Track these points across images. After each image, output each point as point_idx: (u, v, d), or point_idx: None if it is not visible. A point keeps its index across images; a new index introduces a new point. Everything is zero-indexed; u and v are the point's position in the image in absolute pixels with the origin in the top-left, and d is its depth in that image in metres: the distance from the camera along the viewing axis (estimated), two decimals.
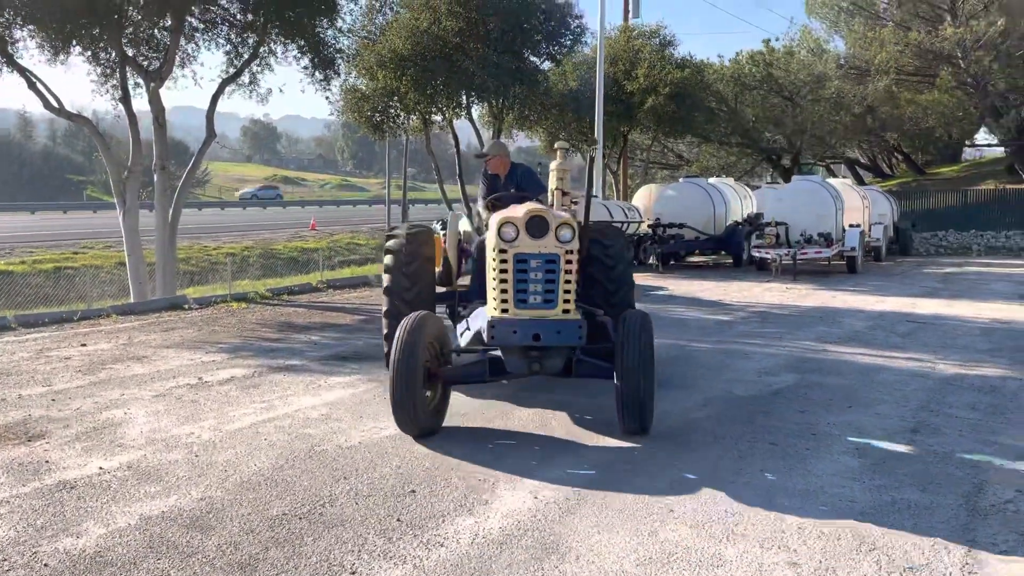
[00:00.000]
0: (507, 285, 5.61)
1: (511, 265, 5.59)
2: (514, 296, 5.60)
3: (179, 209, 15.64)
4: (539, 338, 5.50)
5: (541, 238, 5.59)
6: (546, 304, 5.61)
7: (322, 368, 8.22)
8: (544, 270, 5.59)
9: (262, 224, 43.85)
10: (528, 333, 5.51)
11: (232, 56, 16.53)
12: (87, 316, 12.06)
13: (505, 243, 5.59)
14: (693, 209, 20.13)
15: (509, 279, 5.60)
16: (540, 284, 5.60)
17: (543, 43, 21.77)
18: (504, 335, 5.54)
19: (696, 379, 7.64)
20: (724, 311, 12.45)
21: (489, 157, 7.77)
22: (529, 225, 5.59)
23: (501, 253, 5.60)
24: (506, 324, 5.55)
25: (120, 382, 7.63)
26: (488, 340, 5.62)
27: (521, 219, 5.60)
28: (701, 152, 38.03)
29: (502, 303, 5.64)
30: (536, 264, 5.57)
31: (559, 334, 5.53)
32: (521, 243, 5.58)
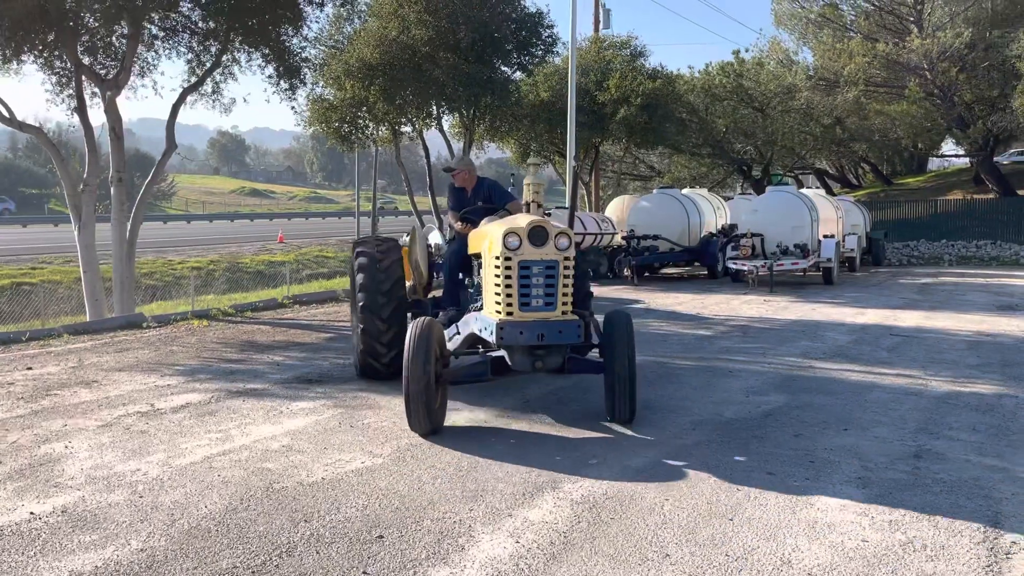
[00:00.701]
0: (512, 290, 6.00)
1: (515, 271, 5.99)
2: (518, 300, 6.00)
3: (138, 223, 15.03)
4: (543, 338, 5.93)
5: (542, 246, 6.04)
6: (547, 307, 6.05)
7: (285, 392, 7.71)
8: (545, 275, 6.03)
9: (229, 237, 43.01)
10: (534, 333, 5.92)
11: (194, 65, 15.98)
12: (37, 336, 11.42)
13: (510, 251, 5.99)
14: (668, 220, 19.87)
15: (514, 284, 6.00)
16: (541, 288, 6.04)
17: (514, 53, 21.42)
18: (512, 336, 5.93)
19: (682, 400, 7.26)
20: (704, 325, 12.12)
21: (456, 171, 8.09)
22: (531, 234, 6.02)
23: (506, 260, 5.99)
24: (514, 326, 5.94)
25: (64, 410, 7.07)
26: (497, 342, 5.99)
27: (524, 229, 6.03)
28: (672, 163, 37.98)
29: (507, 307, 6.01)
30: (538, 270, 6.02)
31: (561, 334, 5.96)
32: (524, 251, 6.01)
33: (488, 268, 6.31)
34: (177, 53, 16.05)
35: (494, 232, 6.24)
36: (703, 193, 22.23)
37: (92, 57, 15.29)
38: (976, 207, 30.78)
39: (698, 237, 20.22)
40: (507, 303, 6.01)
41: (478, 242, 7.01)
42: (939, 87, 31.88)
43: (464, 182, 8.05)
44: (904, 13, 35.59)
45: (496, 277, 6.07)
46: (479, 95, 19.64)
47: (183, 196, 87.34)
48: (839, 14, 37.51)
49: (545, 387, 7.82)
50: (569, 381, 8.01)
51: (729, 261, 18.02)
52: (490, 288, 6.26)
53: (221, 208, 79.43)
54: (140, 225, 15.08)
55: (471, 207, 7.84)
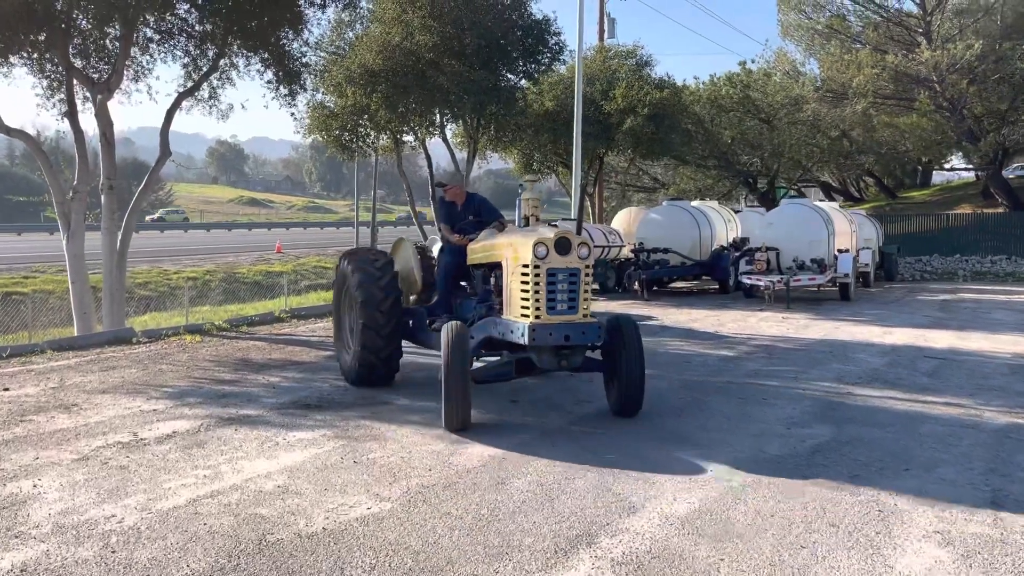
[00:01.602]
0: (540, 295, 6.49)
1: (543, 278, 6.49)
2: (546, 304, 6.50)
3: (129, 233, 14.36)
4: (569, 339, 6.46)
5: (566, 255, 6.55)
6: (570, 310, 6.57)
7: (281, 419, 7.06)
8: (568, 282, 6.56)
9: (227, 247, 42.36)
10: (561, 335, 6.44)
11: (190, 69, 15.38)
12: (19, 352, 10.76)
13: (539, 259, 6.48)
14: (678, 233, 19.25)
15: (542, 290, 6.49)
16: (566, 294, 6.56)
17: (520, 60, 20.86)
18: (543, 337, 6.42)
19: (718, 432, 6.61)
20: (725, 345, 11.48)
21: (448, 187, 8.62)
22: (557, 245, 6.55)
23: (535, 268, 6.48)
24: (544, 328, 6.43)
25: (38, 440, 6.41)
26: (529, 342, 6.43)
27: (551, 240, 6.55)
28: (677, 175, 37.42)
29: (536, 310, 6.49)
30: (563, 277, 6.54)
31: (584, 335, 6.52)
32: (551, 259, 6.51)
33: (514, 276, 6.76)
34: (173, 57, 15.44)
35: (520, 243, 6.73)
36: (713, 205, 21.63)
37: (85, 60, 14.68)
38: (988, 221, 30.21)
39: (709, 250, 19.60)
40: (536, 307, 6.50)
41: (488, 253, 7.53)
42: (948, 100, 31.39)
43: (455, 197, 8.53)
44: (913, 25, 35.14)
45: (524, 284, 6.56)
46: (484, 103, 19.07)
47: (181, 205, 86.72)
48: (846, 25, 37.07)
49: (567, 416, 7.17)
50: (592, 408, 7.37)
51: (743, 276, 17.40)
52: (516, 294, 6.72)
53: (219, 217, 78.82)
54: (131, 235, 14.41)
55: (465, 221, 8.36)
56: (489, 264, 7.53)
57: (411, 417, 7.10)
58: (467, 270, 8.27)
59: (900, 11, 35.91)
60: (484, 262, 7.66)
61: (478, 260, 7.82)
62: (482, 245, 7.74)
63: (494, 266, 7.39)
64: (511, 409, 7.42)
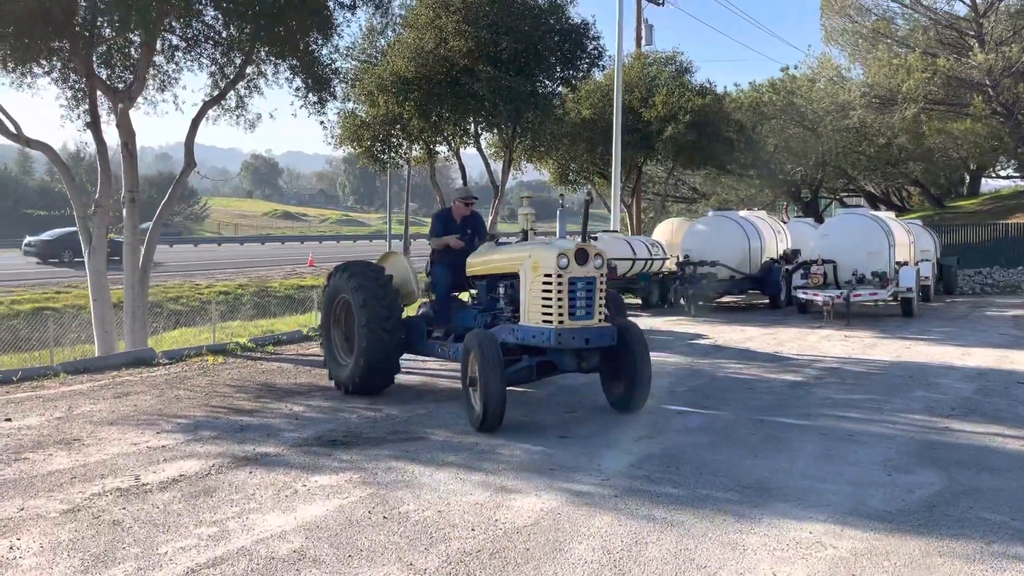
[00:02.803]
0: (562, 302, 6.99)
1: (565, 286, 7.00)
2: (568, 310, 6.98)
3: (152, 248, 13.77)
4: (589, 341, 7.01)
5: (585, 265, 7.08)
6: (587, 316, 7.10)
7: (302, 459, 6.24)
8: (586, 290, 7.10)
9: (259, 261, 42.07)
10: (582, 338, 7.00)
11: (217, 77, 14.81)
12: (31, 375, 10.12)
13: (561, 269, 6.99)
14: (726, 245, 18.21)
15: (564, 297, 6.99)
16: (584, 300, 7.09)
17: (557, 66, 20.04)
18: (567, 340, 6.94)
19: (805, 479, 5.65)
20: (789, 368, 10.48)
21: (471, 201, 9.03)
22: (577, 255, 7.07)
23: (558, 277, 7.00)
24: (568, 332, 6.95)
25: (29, 484, 5.66)
26: (555, 345, 6.96)
27: (572, 251, 7.06)
28: (718, 184, 36.30)
29: (559, 316, 6.99)
30: (581, 285, 7.08)
31: (601, 338, 7.09)
32: (571, 269, 7.01)
33: (534, 285, 7.20)
34: (199, 65, 14.89)
35: (542, 254, 7.20)
36: (762, 215, 20.54)
37: (109, 70, 14.19)
38: None
39: (759, 263, 18.53)
40: (559, 313, 6.98)
41: (500, 264, 7.92)
42: (1003, 104, 29.98)
43: (463, 212, 8.95)
44: (964, 27, 33.75)
45: (547, 292, 7.06)
46: (521, 110, 18.26)
47: (215, 219, 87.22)
48: (893, 29, 35.74)
49: (626, 455, 6.26)
50: (656, 448, 6.45)
51: (798, 290, 16.33)
52: (536, 301, 7.16)
53: (253, 231, 79.06)
54: (155, 250, 13.80)
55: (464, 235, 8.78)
56: (498, 275, 7.98)
57: (448, 457, 6.24)
58: (462, 281, 8.71)
59: (950, 13, 34.49)
60: (492, 273, 8.10)
61: (484, 271, 8.22)
62: (493, 257, 8.10)
63: (505, 277, 7.86)
64: (561, 448, 6.54)
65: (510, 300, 7.75)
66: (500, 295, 7.96)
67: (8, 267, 36.32)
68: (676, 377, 9.81)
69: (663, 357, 11.32)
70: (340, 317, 9.16)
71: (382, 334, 8.23)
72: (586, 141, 26.56)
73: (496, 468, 5.94)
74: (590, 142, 26.59)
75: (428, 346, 8.66)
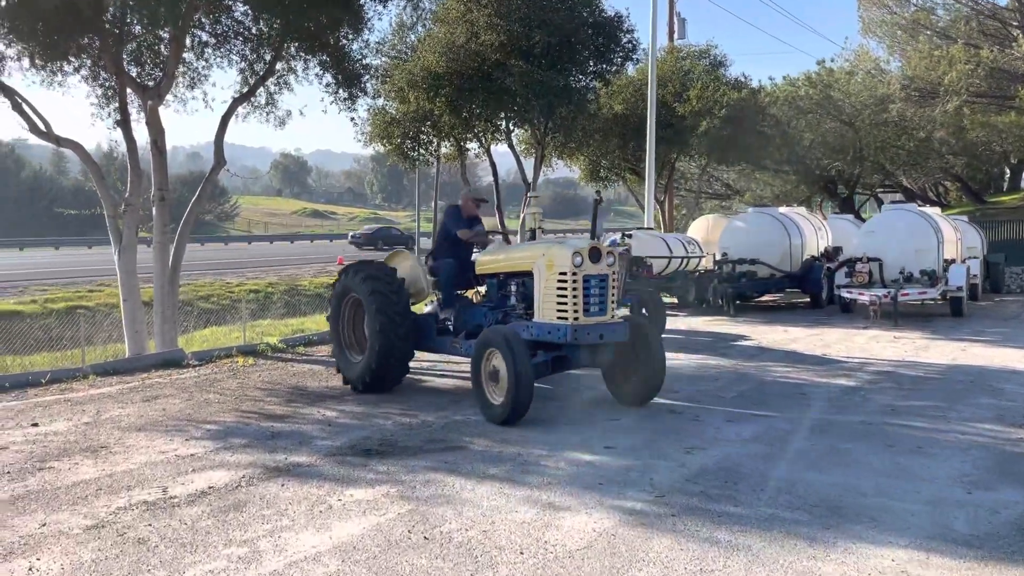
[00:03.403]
0: (577, 299, 7.20)
1: (580, 284, 7.21)
2: (582, 307, 7.20)
3: (182, 247, 13.57)
4: (603, 337, 7.24)
5: (598, 263, 7.30)
6: (601, 312, 7.33)
7: (336, 471, 5.93)
8: (599, 287, 7.33)
9: (289, 259, 42.13)
10: (596, 333, 7.21)
11: (247, 74, 14.61)
12: (60, 378, 9.94)
13: (576, 268, 7.20)
14: (766, 243, 17.67)
15: (579, 294, 7.20)
16: (597, 297, 7.31)
17: (591, 60, 19.60)
18: (583, 336, 7.15)
19: (877, 497, 5.22)
20: (840, 371, 10.00)
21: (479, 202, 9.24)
22: (591, 254, 7.29)
23: (573, 275, 7.21)
24: (583, 328, 7.17)
25: (52, 497, 5.41)
26: (571, 340, 7.13)
27: (586, 250, 7.28)
28: (753, 180, 35.58)
29: (574, 313, 7.20)
30: (595, 282, 7.30)
31: (615, 333, 7.33)
32: (585, 267, 7.23)
33: (548, 282, 7.41)
34: (229, 61, 14.69)
35: (557, 252, 7.41)
36: (802, 212, 19.93)
37: (139, 67, 14.03)
38: None
39: (799, 261, 17.96)
40: (574, 310, 7.19)
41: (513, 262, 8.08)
42: None
43: (472, 211, 9.15)
44: (1007, 17, 32.80)
45: (562, 289, 7.27)
46: (554, 105, 17.87)
47: (246, 217, 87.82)
48: (933, 20, 34.81)
49: (679, 470, 5.87)
50: (710, 460, 6.05)
51: (842, 289, 15.77)
52: (551, 299, 7.37)
53: (283, 229, 79.44)
54: (184, 249, 13.61)
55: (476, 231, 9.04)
56: (510, 273, 8.12)
57: (490, 469, 5.89)
58: (469, 279, 8.81)
59: (993, 3, 33.52)
60: (503, 271, 8.23)
61: (495, 269, 8.33)
62: (504, 255, 8.29)
63: (517, 275, 8.01)
64: (608, 459, 6.16)
65: (523, 297, 7.97)
66: (512, 292, 8.13)
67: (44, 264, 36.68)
68: (722, 381, 9.37)
69: (706, 360, 10.89)
70: (350, 315, 9.31)
71: (394, 337, 8.36)
72: (618, 137, 26.10)
73: (542, 482, 5.58)
74: (622, 138, 26.12)
75: (439, 343, 8.78)
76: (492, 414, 7.19)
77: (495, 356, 7.14)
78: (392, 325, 8.35)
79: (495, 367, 7.17)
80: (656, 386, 7.77)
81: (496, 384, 7.18)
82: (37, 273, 33.01)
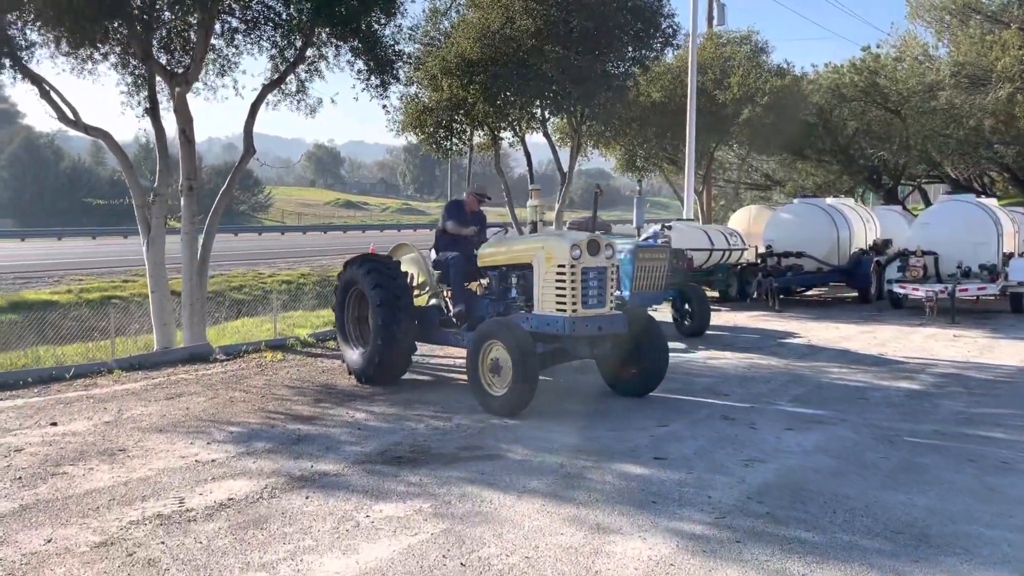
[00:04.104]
0: (576, 291, 7.22)
1: (579, 276, 7.23)
2: (581, 299, 7.22)
3: (211, 238, 13.26)
4: (602, 328, 7.27)
5: (596, 255, 7.34)
6: (599, 304, 7.35)
7: (365, 481, 5.49)
8: (598, 279, 7.35)
9: (322, 250, 42.01)
10: (595, 325, 7.24)
11: (277, 61, 14.22)
12: (84, 372, 9.65)
13: (574, 260, 7.22)
14: (813, 235, 16.92)
15: (578, 287, 7.23)
16: (595, 289, 7.33)
17: (629, 46, 18.94)
18: (581, 328, 7.17)
19: (966, 523, 4.65)
20: (900, 373, 9.36)
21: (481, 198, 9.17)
22: (589, 246, 7.31)
23: (572, 268, 7.22)
24: (581, 320, 7.18)
25: (62, 507, 5.04)
26: (570, 332, 7.15)
27: (584, 242, 7.30)
28: (794, 171, 34.59)
29: (572, 305, 7.22)
30: (594, 275, 7.32)
31: (613, 325, 7.35)
32: (584, 259, 7.26)
33: (547, 275, 7.45)
34: (259, 48, 14.31)
35: (556, 245, 7.46)
36: (849, 203, 19.11)
37: (169, 55, 13.72)
38: None
39: (847, 255, 17.20)
40: (572, 302, 7.23)
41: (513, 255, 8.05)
42: None
43: (474, 206, 9.15)
44: None
45: (560, 281, 7.32)
46: (592, 92, 17.28)
47: (279, 208, 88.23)
48: (984, 4, 33.45)
49: (739, 486, 5.34)
50: (772, 474, 5.52)
51: (895, 284, 15.03)
52: (550, 291, 7.42)
53: (316, 220, 79.66)
54: (213, 240, 13.31)
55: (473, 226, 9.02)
56: (511, 265, 8.11)
57: (531, 482, 5.42)
58: (473, 271, 8.73)
59: None
60: (504, 263, 8.19)
61: (497, 262, 8.29)
62: (505, 247, 8.23)
63: (518, 267, 8.00)
64: (659, 471, 5.66)
65: (523, 290, 8.00)
66: (513, 285, 8.17)
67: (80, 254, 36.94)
68: (775, 383, 8.80)
69: (755, 359, 10.31)
70: (354, 307, 9.32)
71: (396, 330, 8.35)
72: (656, 125, 25.41)
73: (588, 498, 5.10)
74: (660, 126, 25.43)
75: (442, 336, 8.85)
76: (492, 405, 7.23)
77: (495, 347, 7.18)
78: (394, 318, 8.34)
79: (495, 358, 7.20)
80: (659, 377, 7.84)
81: (497, 375, 7.21)
82: (74, 263, 33.20)
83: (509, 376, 7.05)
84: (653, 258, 11.96)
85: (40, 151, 75.64)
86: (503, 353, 7.09)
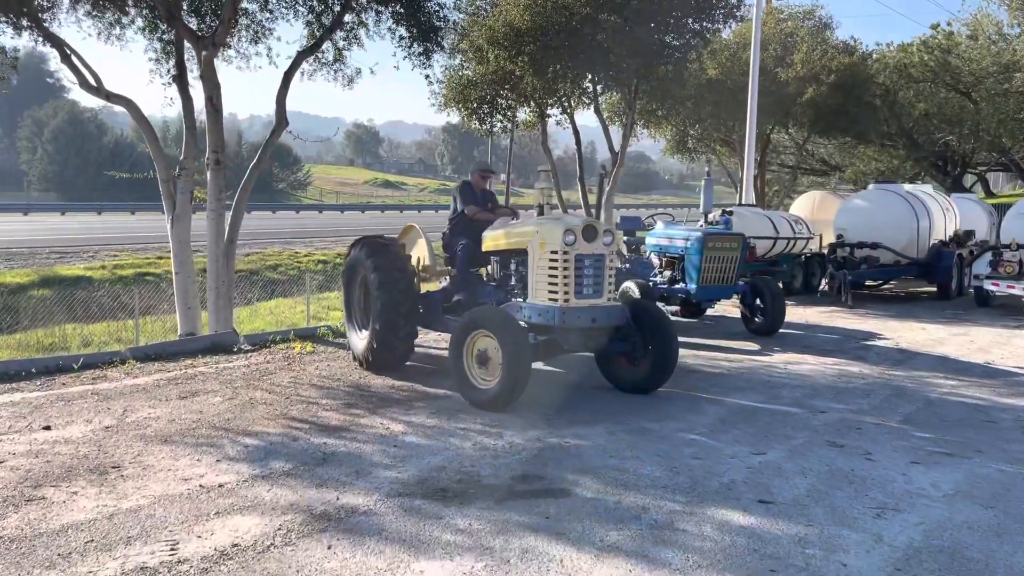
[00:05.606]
0: (568, 280, 6.88)
1: (572, 264, 6.88)
2: (574, 288, 6.89)
3: (239, 216, 12.34)
4: (596, 321, 6.89)
5: (592, 242, 6.97)
6: (595, 295, 7.01)
7: (401, 524, 4.43)
8: (594, 267, 7.00)
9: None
10: (588, 317, 6.87)
11: (314, 27, 13.24)
12: (92, 363, 8.74)
13: (567, 246, 6.86)
14: (889, 225, 15.48)
15: (571, 275, 6.88)
16: (591, 278, 6.99)
17: (689, 17, 17.57)
18: (573, 319, 6.79)
19: None
20: (1022, 388, 8.06)
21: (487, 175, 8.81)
22: (584, 232, 6.94)
23: (564, 254, 6.86)
24: (573, 311, 6.82)
25: (27, 551, 4.05)
26: (561, 324, 6.77)
27: (579, 227, 6.95)
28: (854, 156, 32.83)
29: (564, 294, 6.86)
30: (589, 262, 6.97)
31: (610, 317, 7.00)
32: (579, 246, 6.90)
33: (540, 262, 7.01)
34: (295, 13, 13.33)
35: (549, 230, 6.98)
36: (927, 190, 17.60)
37: (199, 19, 12.77)
38: None
39: (926, 247, 15.74)
40: (564, 291, 6.83)
41: (511, 240, 7.54)
42: None
43: (482, 185, 8.73)
44: None
45: (552, 269, 6.88)
46: (651, 64, 16.00)
47: (318, 186, 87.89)
48: None
49: (878, 552, 4.18)
50: (916, 530, 4.34)
51: (984, 280, 13.61)
52: (542, 279, 6.98)
53: (354, 199, 79.08)
54: (241, 219, 12.37)
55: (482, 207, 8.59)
56: (510, 251, 7.66)
57: (608, 534, 4.31)
58: (479, 257, 8.27)
59: None
60: (505, 249, 7.74)
61: (498, 247, 7.84)
62: (505, 232, 7.74)
63: (516, 253, 7.57)
64: (768, 521, 4.52)
65: (520, 277, 7.65)
66: (512, 271, 7.82)
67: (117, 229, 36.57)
68: (876, 398, 7.57)
69: (843, 365, 9.06)
70: (360, 290, 8.90)
71: (396, 315, 7.99)
72: (711, 104, 23.99)
73: (684, 560, 3.98)
74: (715, 105, 24.00)
75: (445, 323, 8.31)
76: (477, 398, 6.82)
77: (482, 338, 6.78)
78: (395, 303, 7.98)
79: (482, 349, 6.81)
80: (667, 373, 7.34)
81: (484, 368, 6.82)
82: (111, 239, 32.85)
83: (498, 369, 6.61)
84: (724, 247, 10.76)
85: (84, 125, 75.91)
86: (491, 344, 6.67)
